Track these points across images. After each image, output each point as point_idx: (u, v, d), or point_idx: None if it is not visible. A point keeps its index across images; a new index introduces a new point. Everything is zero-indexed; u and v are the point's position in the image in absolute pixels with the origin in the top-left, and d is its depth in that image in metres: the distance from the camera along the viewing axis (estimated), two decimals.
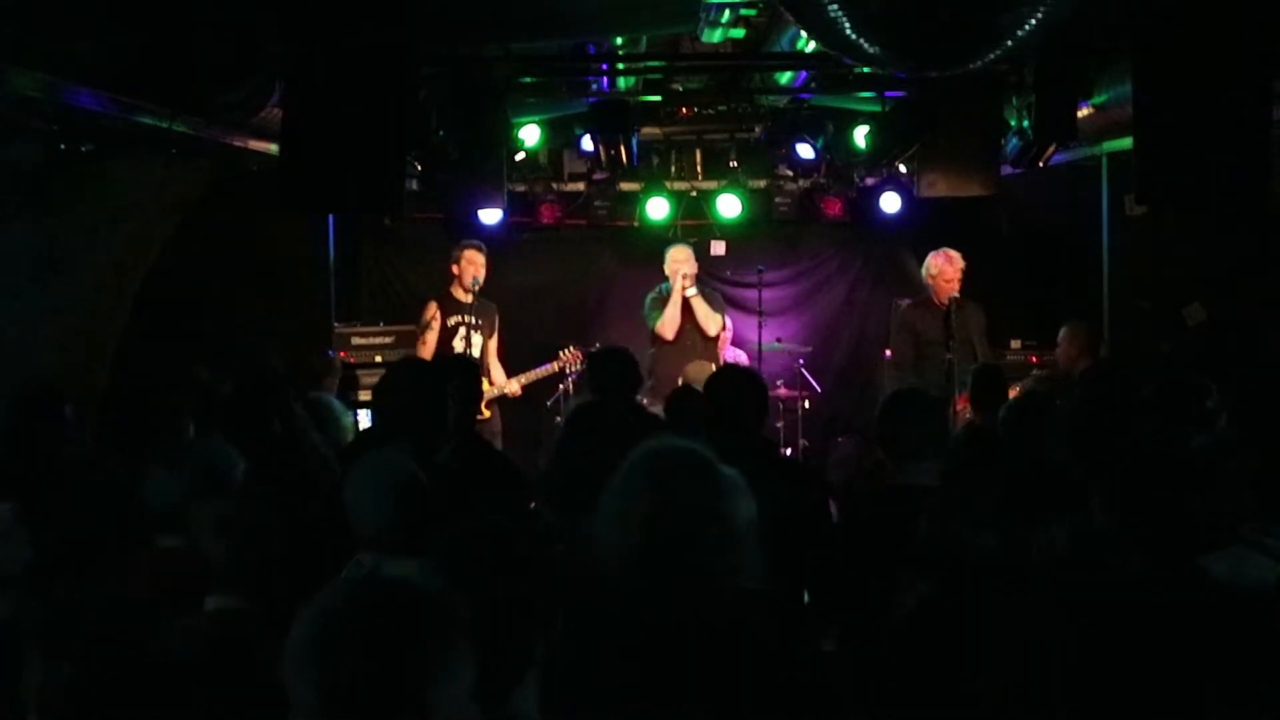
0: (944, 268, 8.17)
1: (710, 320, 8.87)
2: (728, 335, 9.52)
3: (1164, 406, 5.04)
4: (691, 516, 2.40)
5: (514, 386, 8.71)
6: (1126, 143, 6.33)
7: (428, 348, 8.51)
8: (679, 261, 8.85)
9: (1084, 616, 2.61)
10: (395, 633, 1.84)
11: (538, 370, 8.81)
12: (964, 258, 8.28)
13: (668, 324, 8.72)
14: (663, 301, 8.86)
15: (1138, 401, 5.12)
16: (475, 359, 8.12)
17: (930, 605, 3.09)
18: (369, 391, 8.43)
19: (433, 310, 8.61)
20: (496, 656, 2.15)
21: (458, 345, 8.56)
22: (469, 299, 8.58)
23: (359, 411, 8.43)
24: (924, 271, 8.35)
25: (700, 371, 7.62)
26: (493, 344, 8.76)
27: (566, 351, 8.89)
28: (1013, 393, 6.45)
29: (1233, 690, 2.50)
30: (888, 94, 7.80)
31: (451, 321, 8.61)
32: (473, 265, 8.58)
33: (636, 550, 2.39)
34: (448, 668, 1.86)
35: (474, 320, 8.65)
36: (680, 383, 7.65)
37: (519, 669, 2.24)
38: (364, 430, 7.70)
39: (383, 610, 1.87)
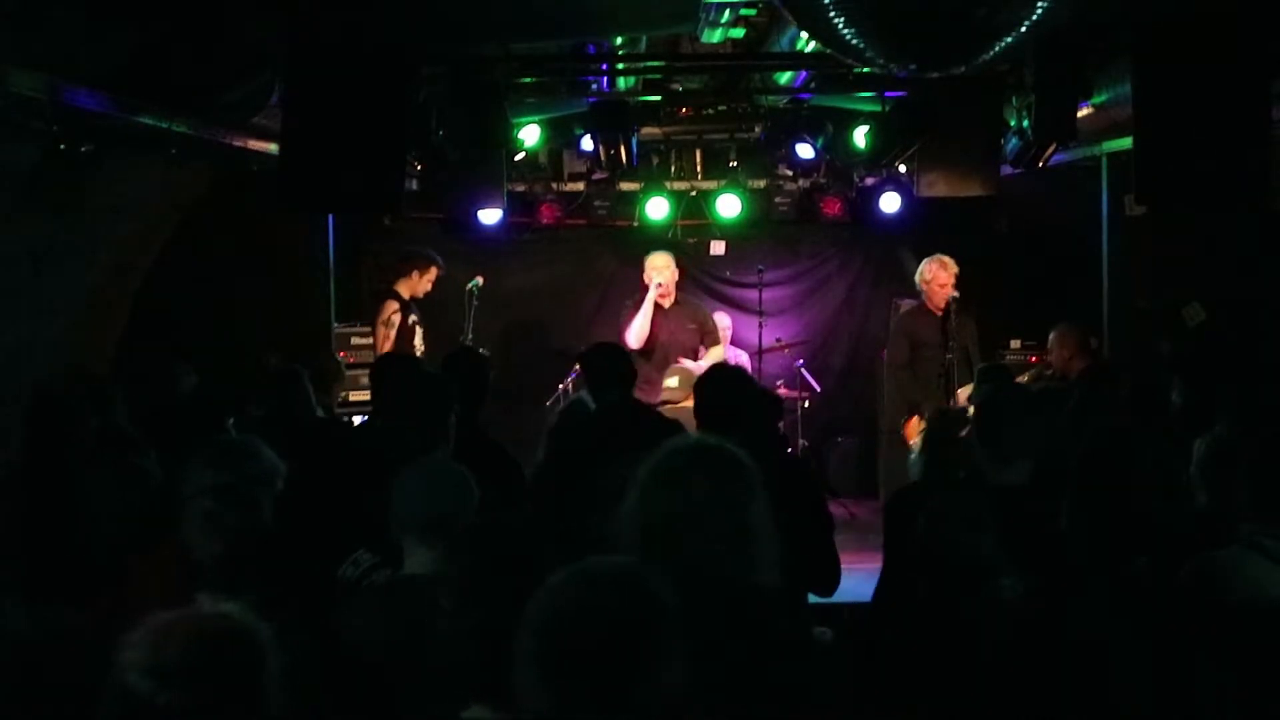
0: (937, 273, 8.18)
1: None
2: (726, 334, 9.52)
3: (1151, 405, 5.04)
4: (717, 512, 2.45)
5: None
6: (1126, 143, 6.33)
7: (390, 344, 8.62)
8: (656, 269, 8.68)
9: (1082, 617, 2.62)
10: (636, 627, 1.90)
11: None
12: (963, 259, 8.28)
13: (635, 333, 8.46)
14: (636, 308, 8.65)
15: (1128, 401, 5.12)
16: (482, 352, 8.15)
17: (926, 604, 3.09)
18: (368, 391, 8.48)
19: (395, 308, 8.74)
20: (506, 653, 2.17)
21: (417, 343, 8.74)
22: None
23: (355, 411, 8.46)
24: (918, 278, 8.36)
25: (676, 378, 7.56)
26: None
27: None
28: None
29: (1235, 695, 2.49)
30: (888, 94, 7.79)
31: (410, 320, 8.77)
32: (433, 282, 8.89)
33: (659, 544, 2.41)
34: (669, 661, 1.91)
35: (416, 317, 8.85)
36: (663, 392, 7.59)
37: None
38: (364, 425, 7.74)
39: (626, 604, 1.92)
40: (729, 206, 9.60)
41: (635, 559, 2.05)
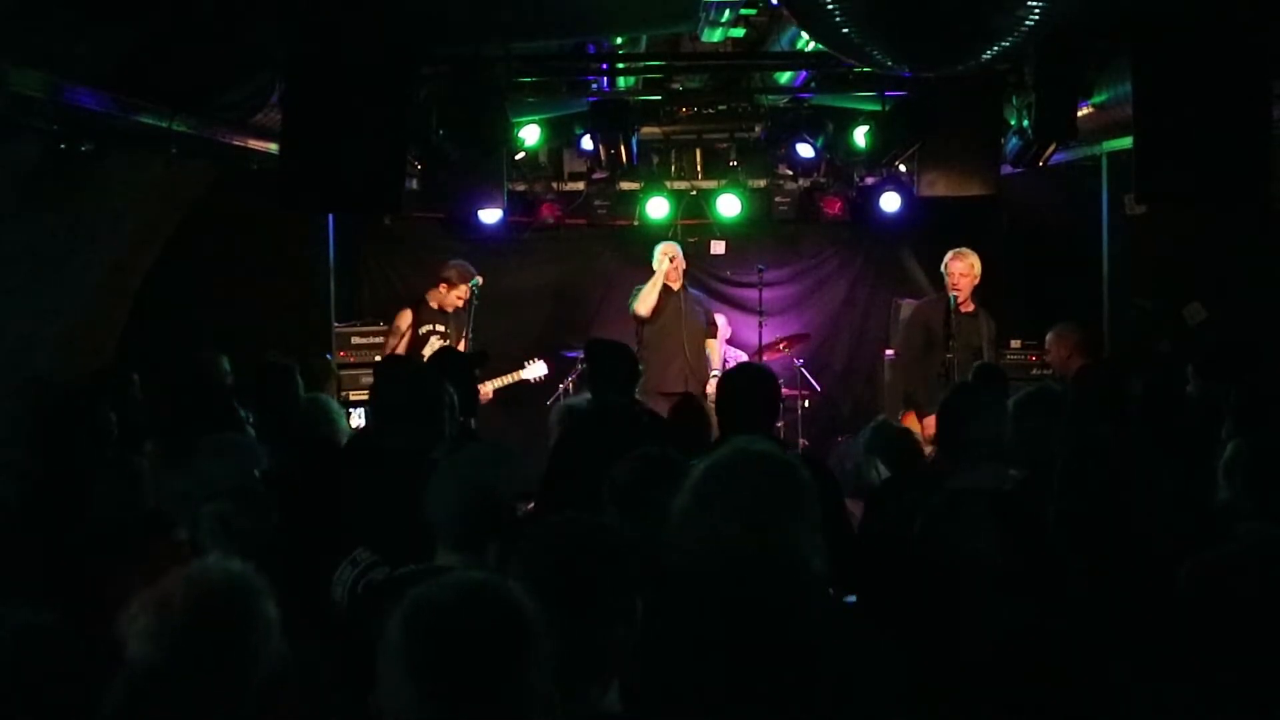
0: (949, 263, 8.10)
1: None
2: (725, 333, 9.52)
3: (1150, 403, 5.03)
4: (780, 510, 2.57)
5: (486, 390, 8.67)
6: (1126, 142, 6.33)
7: (396, 351, 8.57)
8: (665, 254, 8.76)
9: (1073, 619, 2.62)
10: (499, 633, 1.96)
11: (505, 378, 8.82)
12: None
13: (643, 301, 8.59)
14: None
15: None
16: (475, 354, 8.13)
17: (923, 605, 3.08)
18: (368, 391, 8.47)
19: (407, 318, 8.69)
20: (577, 651, 2.20)
21: (427, 353, 8.63)
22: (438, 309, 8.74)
23: (354, 410, 8.46)
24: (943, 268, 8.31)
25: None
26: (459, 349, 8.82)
27: (531, 362, 8.97)
28: None
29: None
30: (888, 94, 7.78)
31: (423, 330, 8.71)
32: (464, 297, 8.69)
33: (726, 539, 2.45)
34: (538, 665, 1.96)
35: (444, 329, 8.76)
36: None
37: (598, 664, 2.26)
38: (360, 428, 7.74)
39: (489, 611, 1.98)
40: (729, 206, 9.60)
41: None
